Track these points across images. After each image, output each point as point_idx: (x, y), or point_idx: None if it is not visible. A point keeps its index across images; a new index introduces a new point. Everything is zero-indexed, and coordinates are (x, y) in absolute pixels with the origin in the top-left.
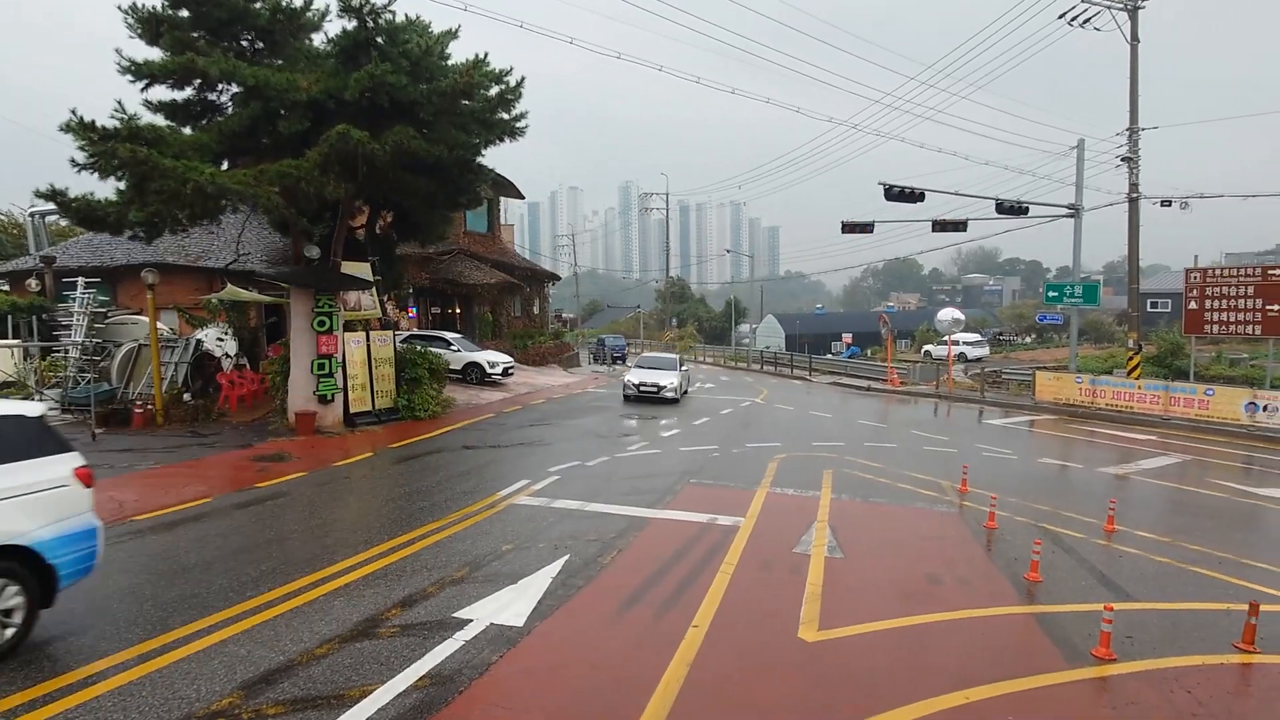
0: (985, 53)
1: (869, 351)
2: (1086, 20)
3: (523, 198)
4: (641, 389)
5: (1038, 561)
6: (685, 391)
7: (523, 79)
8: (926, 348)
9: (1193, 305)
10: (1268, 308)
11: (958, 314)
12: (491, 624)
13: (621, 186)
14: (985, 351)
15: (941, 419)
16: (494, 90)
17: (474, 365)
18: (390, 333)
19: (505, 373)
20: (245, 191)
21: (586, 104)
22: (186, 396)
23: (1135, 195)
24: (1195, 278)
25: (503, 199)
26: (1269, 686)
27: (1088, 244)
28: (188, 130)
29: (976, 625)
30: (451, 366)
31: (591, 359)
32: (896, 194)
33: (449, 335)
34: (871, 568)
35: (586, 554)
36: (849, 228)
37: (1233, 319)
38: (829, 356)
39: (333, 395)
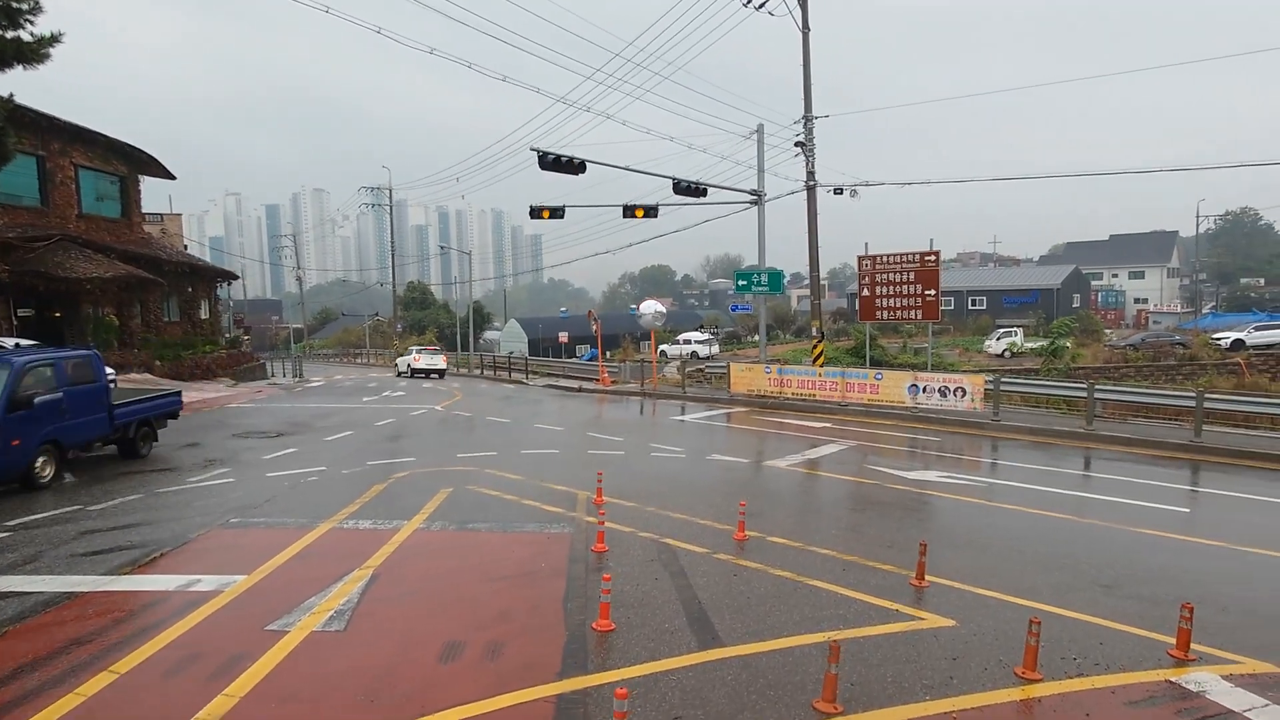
0: (693, 33)
1: (609, 353)
2: (762, 4)
3: (173, 177)
4: None
5: (608, 604)
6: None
7: None
8: (663, 347)
9: (865, 292)
10: (925, 293)
11: (659, 306)
12: None
13: (374, 190)
14: (715, 349)
15: (632, 417)
16: None
17: None
18: None
19: None
20: None
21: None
22: None
23: (812, 183)
24: (867, 264)
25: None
26: None
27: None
28: None
29: None
30: None
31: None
32: (551, 162)
33: (5, 341)
34: (369, 645)
35: None
36: (535, 212)
37: (899, 304)
38: (572, 360)
39: None
